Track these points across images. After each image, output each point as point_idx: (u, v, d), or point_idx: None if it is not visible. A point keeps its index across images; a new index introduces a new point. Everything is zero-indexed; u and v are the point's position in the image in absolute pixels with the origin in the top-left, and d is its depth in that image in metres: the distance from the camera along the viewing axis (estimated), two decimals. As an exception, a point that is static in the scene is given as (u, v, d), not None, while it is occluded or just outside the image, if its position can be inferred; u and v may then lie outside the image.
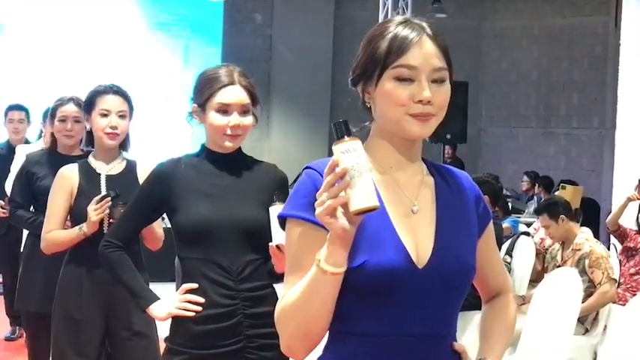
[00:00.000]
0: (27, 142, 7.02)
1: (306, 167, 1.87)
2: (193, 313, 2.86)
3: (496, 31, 15.36)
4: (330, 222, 1.66)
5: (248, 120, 2.97)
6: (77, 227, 3.73)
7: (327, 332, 1.87)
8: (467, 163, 12.57)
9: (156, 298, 3.03)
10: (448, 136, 10.56)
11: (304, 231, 1.81)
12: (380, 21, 12.32)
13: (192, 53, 14.87)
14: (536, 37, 14.93)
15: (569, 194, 9.73)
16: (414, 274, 1.80)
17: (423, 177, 1.94)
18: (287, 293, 1.81)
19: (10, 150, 6.82)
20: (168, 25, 14.85)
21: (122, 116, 3.80)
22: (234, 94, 2.95)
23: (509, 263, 6.76)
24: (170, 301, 2.93)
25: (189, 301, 2.87)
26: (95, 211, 3.66)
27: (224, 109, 2.94)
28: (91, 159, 3.87)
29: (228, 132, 2.94)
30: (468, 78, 11.87)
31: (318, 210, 1.66)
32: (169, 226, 3.04)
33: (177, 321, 2.91)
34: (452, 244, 1.87)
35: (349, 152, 1.65)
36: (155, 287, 3.18)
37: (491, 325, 2.06)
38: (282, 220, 1.87)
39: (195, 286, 2.89)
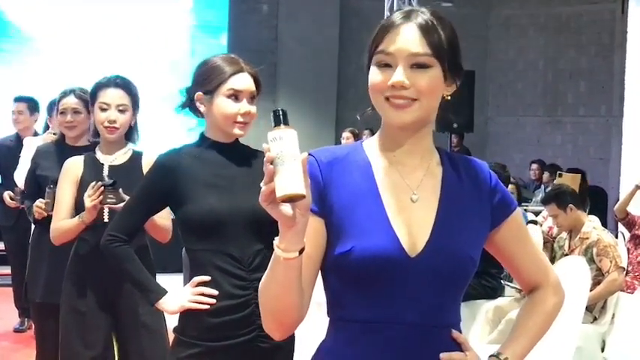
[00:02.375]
0: (36, 134, 7.05)
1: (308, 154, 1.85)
2: (207, 306, 2.84)
3: (502, 19, 15.32)
4: (269, 208, 1.66)
5: (254, 108, 2.97)
6: (77, 216, 3.74)
7: (328, 319, 1.91)
8: (474, 152, 12.54)
9: (165, 292, 3.01)
10: (455, 125, 10.54)
11: None
12: (386, 11, 12.28)
13: (198, 44, 14.86)
14: (542, 25, 14.89)
15: (567, 182, 9.72)
16: (404, 262, 1.80)
17: (429, 166, 1.93)
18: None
19: (19, 142, 6.87)
20: (174, 17, 14.84)
21: (122, 110, 3.77)
22: (245, 81, 2.95)
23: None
24: (182, 294, 2.90)
25: (203, 294, 2.86)
26: (90, 197, 3.64)
27: (235, 95, 2.92)
28: (97, 150, 3.87)
29: (239, 119, 2.93)
30: (474, 67, 11.84)
31: (259, 197, 1.67)
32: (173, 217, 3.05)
33: (189, 313, 2.88)
34: (450, 234, 1.86)
35: (276, 140, 1.65)
36: (161, 279, 3.18)
37: (521, 321, 2.04)
38: None
39: (207, 278, 2.86)
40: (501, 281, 6.36)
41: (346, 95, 14.70)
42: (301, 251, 1.71)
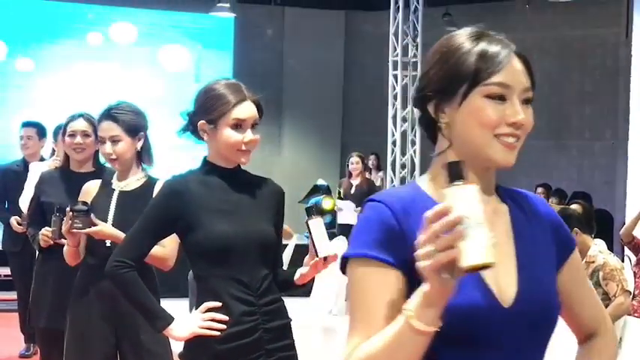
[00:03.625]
0: (42, 159, 7.06)
1: (369, 200, 1.69)
2: (218, 332, 2.83)
3: (507, 43, 15.35)
4: (434, 277, 1.45)
5: (257, 136, 2.98)
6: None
7: None
8: (479, 175, 12.53)
9: (172, 318, 2.96)
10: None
11: (374, 272, 1.61)
12: (391, 35, 12.30)
13: (203, 68, 14.92)
14: (547, 49, 14.92)
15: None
16: (500, 314, 1.63)
17: (495, 205, 1.76)
18: (364, 346, 1.59)
19: (25, 167, 6.86)
20: (180, 41, 14.91)
21: (115, 141, 3.77)
22: (249, 109, 2.96)
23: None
24: (191, 320, 2.88)
25: (214, 319, 2.85)
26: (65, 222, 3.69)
27: (239, 125, 2.92)
28: (115, 175, 3.92)
29: (243, 148, 2.93)
30: (479, 91, 11.86)
31: (422, 262, 1.45)
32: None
33: (196, 339, 2.86)
34: (536, 279, 1.69)
35: (464, 198, 1.46)
36: (166, 304, 3.17)
37: None
38: (344, 261, 1.66)
39: (218, 304, 2.86)
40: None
41: (351, 119, 14.72)
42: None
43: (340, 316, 9.02)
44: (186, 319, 2.92)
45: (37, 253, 4.63)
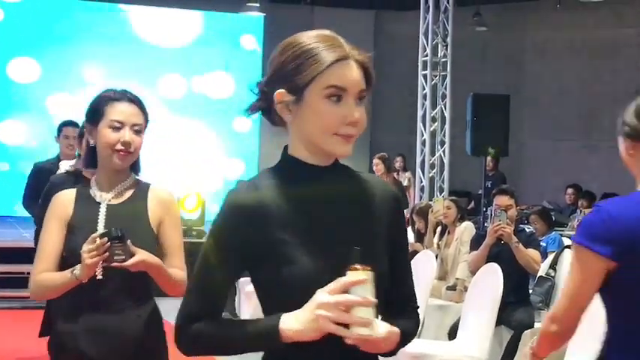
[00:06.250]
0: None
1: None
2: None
3: (537, 43, 15.27)
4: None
5: (362, 111, 2.01)
6: (69, 270, 2.95)
7: None
8: (509, 176, 12.49)
9: (276, 319, 1.91)
10: (490, 150, 10.51)
11: None
12: (421, 35, 12.26)
13: (232, 68, 14.96)
14: (578, 49, 14.83)
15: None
16: None
17: None
18: None
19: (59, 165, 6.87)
20: (209, 41, 14.95)
21: (137, 131, 3.03)
22: (353, 72, 2.00)
23: (553, 277, 6.69)
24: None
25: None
26: (90, 252, 2.85)
27: (336, 95, 1.96)
28: (92, 182, 3.11)
29: (342, 131, 1.98)
30: (509, 91, 11.81)
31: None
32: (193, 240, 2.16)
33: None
34: None
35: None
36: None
37: None
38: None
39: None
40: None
41: (380, 119, 14.69)
42: None
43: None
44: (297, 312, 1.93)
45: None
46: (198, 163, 14.80)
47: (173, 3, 14.57)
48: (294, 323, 1.88)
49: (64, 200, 3.06)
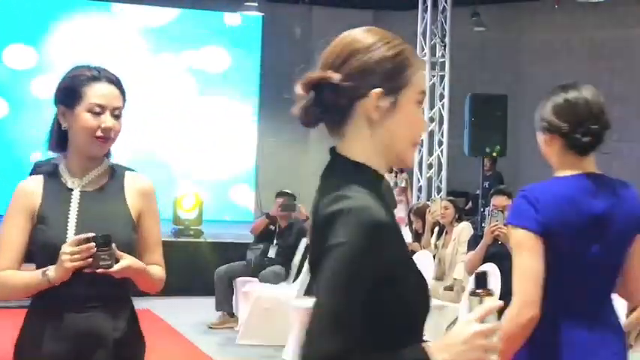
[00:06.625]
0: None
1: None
2: None
3: (535, 43, 15.27)
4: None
5: None
6: (40, 271, 2.68)
7: None
8: (506, 176, 12.48)
9: (422, 352, 1.74)
10: (487, 150, 10.51)
11: None
12: (418, 34, 12.26)
13: (231, 68, 14.94)
14: (576, 49, 14.82)
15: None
16: None
17: None
18: None
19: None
20: (207, 40, 14.93)
21: (117, 116, 2.78)
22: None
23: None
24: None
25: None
26: (72, 255, 2.61)
27: (420, 101, 1.86)
28: (62, 168, 2.84)
29: (419, 140, 1.89)
30: (507, 91, 11.80)
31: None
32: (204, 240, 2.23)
33: None
34: None
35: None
36: (188, 301, 2.83)
37: None
38: None
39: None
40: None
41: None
42: None
43: None
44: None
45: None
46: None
47: (171, 2, 14.55)
48: (446, 355, 1.72)
49: (30, 189, 2.78)
